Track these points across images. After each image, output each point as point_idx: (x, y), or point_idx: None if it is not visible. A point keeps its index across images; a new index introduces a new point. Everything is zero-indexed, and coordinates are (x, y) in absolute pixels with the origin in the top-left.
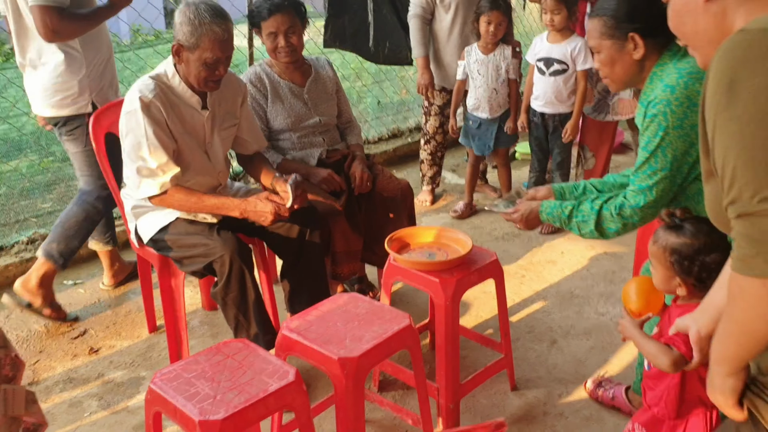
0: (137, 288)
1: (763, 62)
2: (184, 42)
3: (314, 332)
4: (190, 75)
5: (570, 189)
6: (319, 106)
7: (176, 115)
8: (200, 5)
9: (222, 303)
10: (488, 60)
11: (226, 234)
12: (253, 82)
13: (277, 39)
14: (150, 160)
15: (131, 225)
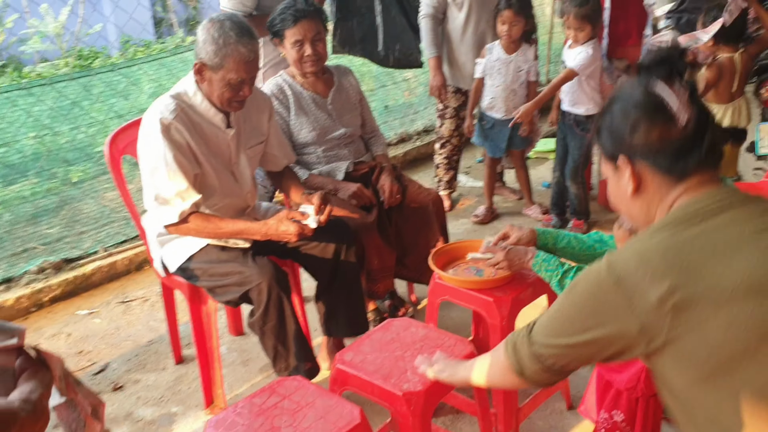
0: (157, 315)
1: (591, 288)
2: (207, 61)
3: (371, 364)
4: (212, 95)
5: (553, 237)
6: (343, 116)
7: (199, 136)
8: (225, 22)
9: (260, 333)
10: (510, 60)
11: (261, 260)
12: (275, 94)
13: (303, 47)
14: (169, 187)
15: (156, 253)
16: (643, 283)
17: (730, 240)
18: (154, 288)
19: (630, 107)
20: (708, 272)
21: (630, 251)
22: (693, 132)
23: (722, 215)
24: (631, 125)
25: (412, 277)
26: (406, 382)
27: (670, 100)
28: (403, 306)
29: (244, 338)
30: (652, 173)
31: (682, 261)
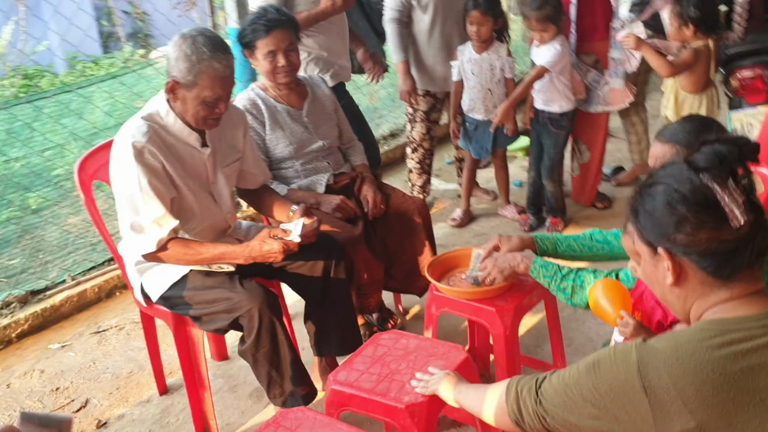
0: (135, 344)
1: (615, 381)
2: (180, 79)
3: (368, 381)
4: (186, 113)
5: (552, 243)
6: (320, 128)
7: (174, 158)
8: (198, 38)
9: (252, 360)
10: (482, 59)
11: (250, 284)
12: (248, 108)
13: (276, 58)
14: (145, 214)
15: (135, 282)
16: (672, 408)
17: (764, 392)
18: (129, 315)
19: (676, 200)
20: (740, 426)
21: (666, 364)
22: (745, 235)
23: (764, 350)
24: (677, 220)
25: (399, 288)
26: (406, 395)
27: (725, 203)
28: (391, 318)
29: (229, 363)
30: (695, 270)
31: (715, 401)
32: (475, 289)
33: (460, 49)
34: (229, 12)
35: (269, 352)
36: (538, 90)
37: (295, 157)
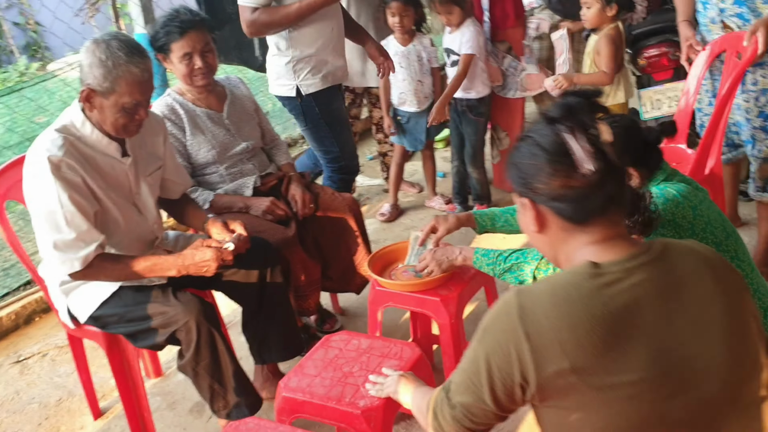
0: (61, 370)
1: (501, 333)
2: (96, 86)
3: (321, 386)
4: (105, 122)
5: (491, 219)
6: (242, 129)
7: (94, 170)
8: (112, 42)
9: (193, 374)
10: (408, 51)
11: (184, 296)
12: (166, 114)
13: (193, 60)
14: (67, 231)
15: (60, 304)
16: (549, 350)
17: (631, 331)
18: (51, 340)
19: (536, 152)
20: (608, 364)
21: (543, 308)
22: (595, 182)
23: (628, 292)
24: (535, 170)
25: (336, 287)
26: (361, 399)
27: (575, 150)
28: (330, 318)
29: (165, 380)
30: (553, 216)
31: (587, 343)
32: (417, 280)
33: (384, 43)
34: (135, 17)
35: (210, 364)
36: (449, 80)
37: (218, 162)
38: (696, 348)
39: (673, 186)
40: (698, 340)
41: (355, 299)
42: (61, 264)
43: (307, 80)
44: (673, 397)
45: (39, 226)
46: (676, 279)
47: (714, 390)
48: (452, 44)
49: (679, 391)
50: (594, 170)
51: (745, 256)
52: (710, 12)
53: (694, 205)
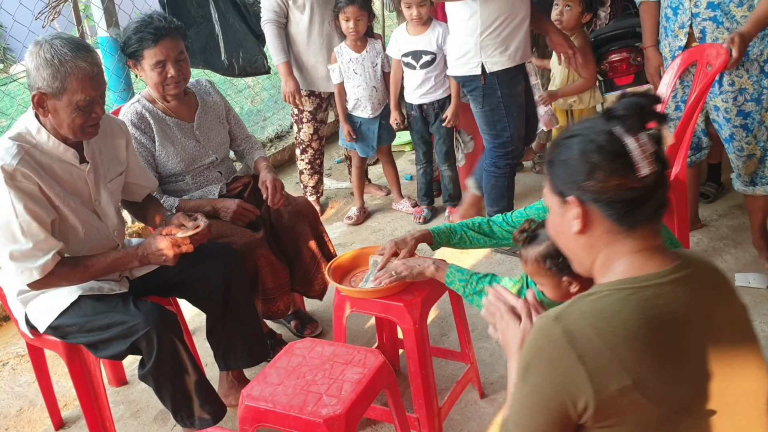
0: (22, 380)
1: (549, 363)
2: (46, 88)
3: (283, 395)
4: (62, 126)
5: (447, 236)
6: (212, 140)
7: (51, 177)
8: (55, 41)
9: (155, 384)
10: (362, 57)
11: (144, 304)
12: (135, 123)
13: (166, 68)
14: (24, 241)
15: (19, 314)
16: (609, 369)
17: (684, 343)
18: (12, 349)
19: (591, 150)
20: (666, 379)
21: (593, 327)
22: (651, 186)
23: (675, 303)
24: (590, 168)
25: (300, 290)
26: (324, 407)
27: (635, 152)
28: (311, 323)
29: (129, 387)
30: (602, 218)
31: (646, 355)
32: (376, 288)
33: (337, 50)
34: (97, 20)
35: (172, 373)
36: (419, 83)
37: (186, 172)
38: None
39: None
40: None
41: (320, 303)
42: (19, 274)
43: (493, 57)
44: (719, 415)
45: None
46: (714, 294)
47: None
48: (423, 44)
49: (724, 408)
50: (652, 174)
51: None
52: (681, 17)
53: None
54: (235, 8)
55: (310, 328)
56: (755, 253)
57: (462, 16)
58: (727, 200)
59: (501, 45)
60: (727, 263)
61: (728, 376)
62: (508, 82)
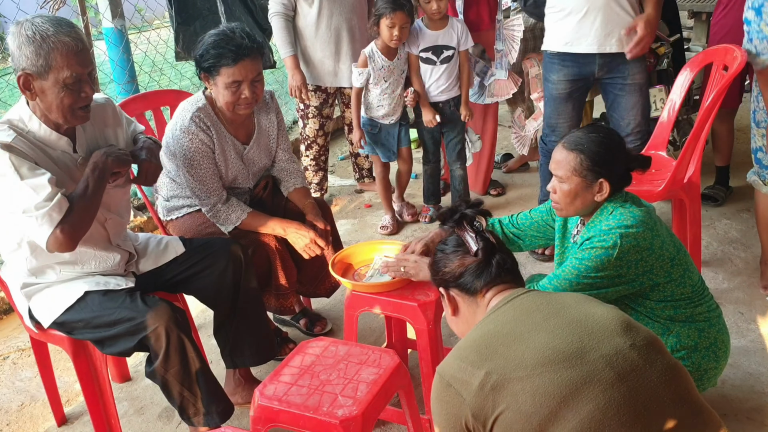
0: (24, 374)
1: (439, 403)
2: (30, 68)
3: (298, 395)
4: (50, 108)
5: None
6: (256, 166)
7: (47, 162)
8: (35, 20)
9: (162, 381)
10: (393, 65)
11: (153, 301)
12: (199, 123)
13: (241, 88)
14: (35, 195)
15: (23, 308)
16: (466, 376)
17: (526, 327)
18: (13, 343)
19: (445, 248)
20: (513, 354)
21: (451, 357)
22: (483, 257)
23: (516, 310)
24: (443, 261)
25: (308, 292)
26: (339, 408)
27: (465, 236)
28: (320, 321)
29: (132, 384)
30: (461, 296)
31: (491, 349)
32: (389, 281)
33: (368, 54)
34: (102, 11)
35: (179, 371)
36: (437, 79)
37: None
38: (587, 328)
39: (631, 213)
40: (584, 314)
41: (326, 301)
42: (41, 225)
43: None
44: (584, 354)
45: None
46: (555, 299)
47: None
48: (445, 39)
49: (583, 355)
50: (480, 247)
51: (694, 268)
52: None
53: (651, 227)
54: (241, 1)
55: (320, 326)
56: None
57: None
58: (736, 203)
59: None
60: (737, 267)
61: (573, 326)
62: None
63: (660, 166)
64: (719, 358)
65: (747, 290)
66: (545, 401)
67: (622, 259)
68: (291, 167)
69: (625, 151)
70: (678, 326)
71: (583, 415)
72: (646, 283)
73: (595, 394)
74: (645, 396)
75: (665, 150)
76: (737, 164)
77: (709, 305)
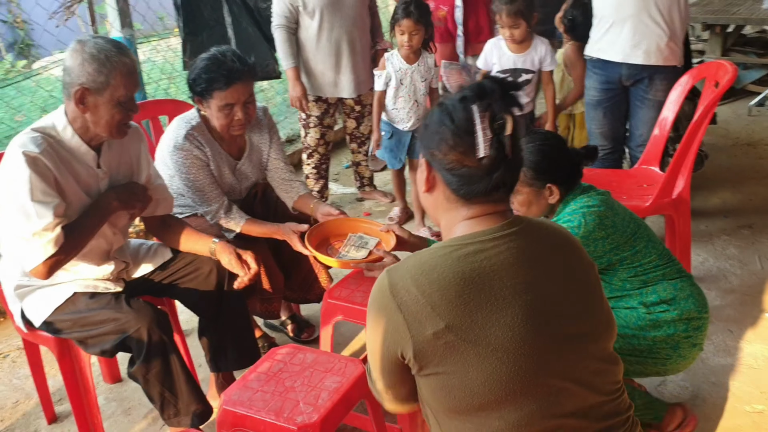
0: (21, 373)
1: (378, 311)
2: (89, 83)
3: (261, 400)
4: (98, 122)
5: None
6: (248, 181)
7: (69, 173)
8: (98, 40)
9: (143, 381)
10: (412, 70)
11: (137, 303)
12: (194, 143)
13: (234, 110)
14: (37, 221)
15: (14, 308)
16: (422, 315)
17: (500, 293)
18: (13, 341)
19: (444, 122)
20: (480, 322)
21: (412, 278)
22: (486, 168)
23: (496, 257)
24: (438, 139)
25: (298, 298)
26: (299, 415)
27: (479, 134)
28: (308, 327)
29: (122, 385)
30: (442, 185)
31: (458, 303)
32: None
33: (388, 57)
34: (112, 21)
35: (160, 372)
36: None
37: None
38: (563, 309)
39: (590, 196)
40: (564, 302)
41: (316, 307)
42: (34, 251)
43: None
44: (547, 353)
45: (6, 221)
46: (541, 249)
47: (581, 347)
48: (526, 63)
49: (552, 347)
50: (488, 156)
51: (655, 237)
52: None
53: (611, 206)
54: (248, 13)
55: (308, 332)
56: (761, 275)
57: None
58: (737, 219)
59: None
60: (731, 284)
61: (548, 321)
62: None
63: (652, 180)
64: (701, 309)
65: (739, 308)
66: (495, 388)
67: (588, 238)
68: (291, 177)
69: (566, 152)
70: (653, 285)
71: (524, 412)
72: (613, 259)
73: (542, 393)
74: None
75: (658, 165)
76: (741, 179)
77: (677, 267)
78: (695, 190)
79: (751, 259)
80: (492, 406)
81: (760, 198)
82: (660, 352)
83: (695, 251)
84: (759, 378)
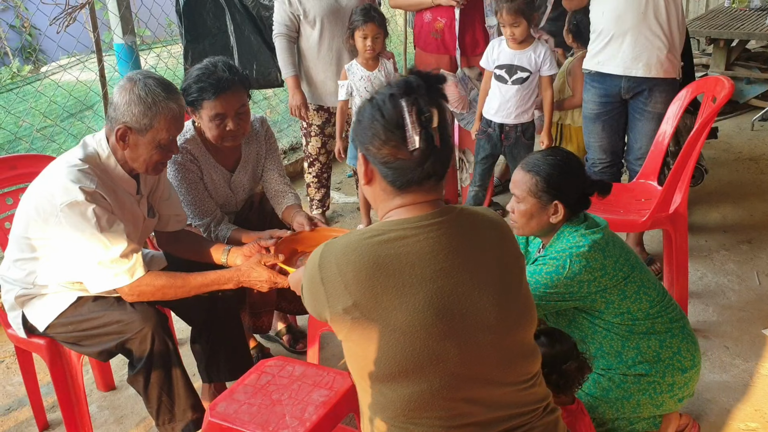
0: (16, 379)
1: (307, 280)
2: (133, 124)
3: (247, 414)
4: (137, 160)
5: None
6: (241, 192)
7: (117, 200)
8: (148, 80)
9: (143, 384)
10: (373, 76)
11: (140, 305)
12: (186, 157)
13: (225, 121)
14: (112, 249)
15: (13, 314)
16: (337, 291)
17: (409, 280)
18: (9, 348)
19: (376, 117)
20: (386, 303)
21: (336, 255)
22: (418, 159)
23: (414, 245)
24: (373, 134)
25: (292, 309)
26: (285, 429)
27: (409, 127)
28: (303, 338)
29: (115, 393)
30: (379, 178)
31: (368, 284)
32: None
33: (348, 68)
34: (113, 28)
35: (162, 375)
36: (506, 100)
37: None
38: (471, 300)
39: (583, 236)
40: (474, 293)
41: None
42: (109, 279)
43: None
44: (445, 339)
45: (75, 252)
46: (463, 240)
47: (484, 337)
48: (522, 60)
49: (451, 334)
50: (419, 148)
51: (652, 283)
52: None
53: (602, 248)
54: (251, 21)
55: (303, 343)
56: (759, 291)
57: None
58: (736, 234)
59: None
60: (728, 300)
61: (452, 310)
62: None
63: (650, 195)
64: (686, 369)
65: (736, 324)
66: (390, 364)
67: (572, 279)
68: (284, 189)
69: (582, 176)
70: (637, 338)
71: (417, 389)
72: (599, 301)
73: (435, 375)
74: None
75: (656, 179)
76: (742, 194)
77: (671, 316)
78: (695, 204)
79: (750, 274)
80: (387, 378)
81: (761, 213)
82: (639, 401)
83: (694, 266)
84: (754, 395)
